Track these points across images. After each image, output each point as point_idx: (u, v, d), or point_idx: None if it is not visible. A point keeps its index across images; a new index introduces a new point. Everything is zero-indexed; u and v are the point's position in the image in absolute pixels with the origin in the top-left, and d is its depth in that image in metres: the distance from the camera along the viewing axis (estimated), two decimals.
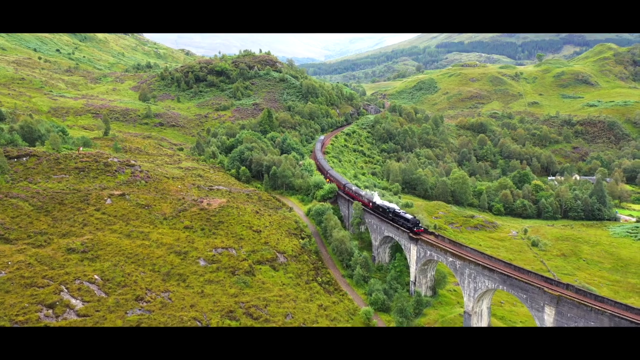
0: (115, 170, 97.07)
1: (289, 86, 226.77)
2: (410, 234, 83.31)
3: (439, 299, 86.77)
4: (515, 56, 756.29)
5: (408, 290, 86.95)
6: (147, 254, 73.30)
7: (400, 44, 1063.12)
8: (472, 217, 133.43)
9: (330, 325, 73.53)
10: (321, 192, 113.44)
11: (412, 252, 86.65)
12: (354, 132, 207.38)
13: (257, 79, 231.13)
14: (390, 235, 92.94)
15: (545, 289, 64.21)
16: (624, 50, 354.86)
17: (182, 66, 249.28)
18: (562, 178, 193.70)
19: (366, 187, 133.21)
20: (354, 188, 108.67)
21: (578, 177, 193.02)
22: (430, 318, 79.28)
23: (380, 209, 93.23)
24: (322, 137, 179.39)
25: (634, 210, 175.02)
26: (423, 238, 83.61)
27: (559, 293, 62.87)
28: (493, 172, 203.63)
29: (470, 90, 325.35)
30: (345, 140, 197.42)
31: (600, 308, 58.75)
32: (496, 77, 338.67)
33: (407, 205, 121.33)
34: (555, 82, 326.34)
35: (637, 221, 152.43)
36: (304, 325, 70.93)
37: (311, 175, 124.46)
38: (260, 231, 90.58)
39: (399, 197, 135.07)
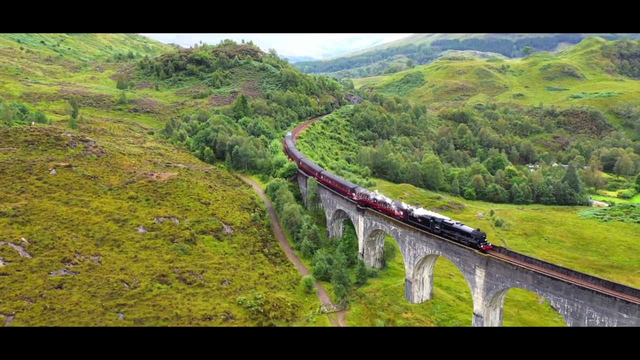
0: (67, 144, 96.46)
1: (269, 75, 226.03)
2: (476, 248, 63.16)
3: (387, 270, 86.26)
4: (510, 54, 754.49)
5: (355, 262, 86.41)
6: (82, 220, 72.73)
7: (397, 42, 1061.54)
8: (439, 198, 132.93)
9: (269, 292, 73.05)
10: (281, 170, 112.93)
11: (360, 224, 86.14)
12: (332, 120, 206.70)
13: (237, 68, 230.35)
14: (341, 208, 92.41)
15: (476, 252, 63.78)
16: (611, 43, 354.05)
17: (162, 55, 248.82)
18: (539, 166, 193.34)
19: (332, 168, 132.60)
20: (378, 197, 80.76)
21: (556, 165, 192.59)
22: (373, 287, 78.81)
23: (419, 220, 71.17)
24: (289, 133, 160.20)
25: (609, 196, 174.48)
26: (369, 209, 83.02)
27: (488, 255, 62.44)
28: (472, 160, 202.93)
29: (457, 83, 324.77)
30: (323, 127, 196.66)
31: (525, 267, 58.37)
32: (483, 69, 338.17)
33: (370, 185, 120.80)
34: (542, 74, 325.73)
35: (610, 206, 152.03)
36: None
37: (275, 155, 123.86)
38: (209, 203, 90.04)
39: (366, 179, 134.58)
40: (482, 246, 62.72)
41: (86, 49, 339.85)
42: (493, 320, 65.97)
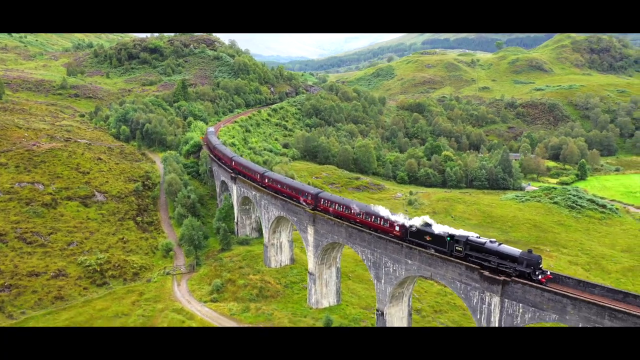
0: None
1: (223, 64, 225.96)
2: (531, 280, 38.84)
3: (262, 240, 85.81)
4: None
5: (233, 231, 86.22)
6: None
7: (389, 41, 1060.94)
8: (357, 178, 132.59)
9: (120, 255, 72.73)
10: (186, 147, 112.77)
11: (234, 192, 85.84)
12: (281, 108, 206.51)
13: (191, 57, 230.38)
14: (223, 179, 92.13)
15: (307, 210, 63.52)
16: (582, 38, 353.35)
17: (116, 44, 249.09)
18: (482, 153, 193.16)
19: (250, 149, 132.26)
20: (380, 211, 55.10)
21: (497, 151, 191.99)
22: (235, 252, 78.44)
23: (428, 239, 47.31)
24: (216, 128, 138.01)
25: (550, 183, 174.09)
26: (240, 177, 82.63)
27: (314, 212, 62.20)
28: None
29: (424, 76, 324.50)
30: (269, 115, 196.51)
31: (341, 223, 58.13)
32: (452, 63, 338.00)
33: (279, 162, 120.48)
34: (510, 68, 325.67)
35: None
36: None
37: (191, 132, 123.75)
38: (88, 173, 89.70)
39: (289, 160, 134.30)
40: (539, 277, 38.72)
41: (56, 41, 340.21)
42: (328, 279, 65.61)
